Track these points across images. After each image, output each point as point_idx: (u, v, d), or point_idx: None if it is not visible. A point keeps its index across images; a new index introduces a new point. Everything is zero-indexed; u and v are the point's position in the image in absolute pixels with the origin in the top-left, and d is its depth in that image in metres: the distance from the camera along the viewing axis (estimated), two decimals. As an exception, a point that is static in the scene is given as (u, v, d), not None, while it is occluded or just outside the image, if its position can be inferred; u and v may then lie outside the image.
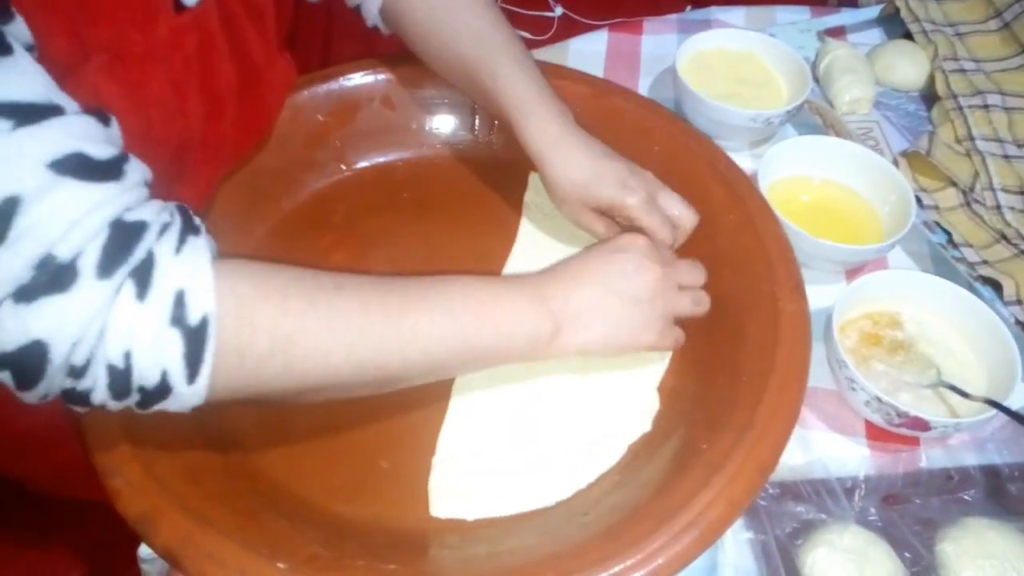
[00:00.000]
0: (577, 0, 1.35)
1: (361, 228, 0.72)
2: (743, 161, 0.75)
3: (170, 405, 0.43)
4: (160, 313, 0.41)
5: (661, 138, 0.72)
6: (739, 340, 0.60)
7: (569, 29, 1.27)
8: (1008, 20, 0.94)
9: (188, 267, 0.42)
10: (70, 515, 0.90)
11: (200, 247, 0.43)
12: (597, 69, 0.94)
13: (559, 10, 1.33)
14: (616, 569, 0.47)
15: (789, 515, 0.57)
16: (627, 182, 0.61)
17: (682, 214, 0.62)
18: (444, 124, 0.79)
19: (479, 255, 0.70)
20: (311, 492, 0.55)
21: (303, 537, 0.51)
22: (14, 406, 0.41)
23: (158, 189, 0.46)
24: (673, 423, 0.59)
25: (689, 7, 1.13)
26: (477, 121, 0.79)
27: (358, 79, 0.76)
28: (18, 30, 0.40)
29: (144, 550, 0.56)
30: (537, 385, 0.61)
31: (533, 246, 0.71)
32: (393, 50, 0.76)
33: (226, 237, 0.50)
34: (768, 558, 0.55)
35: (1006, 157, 0.82)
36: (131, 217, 0.41)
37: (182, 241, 0.43)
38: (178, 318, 0.41)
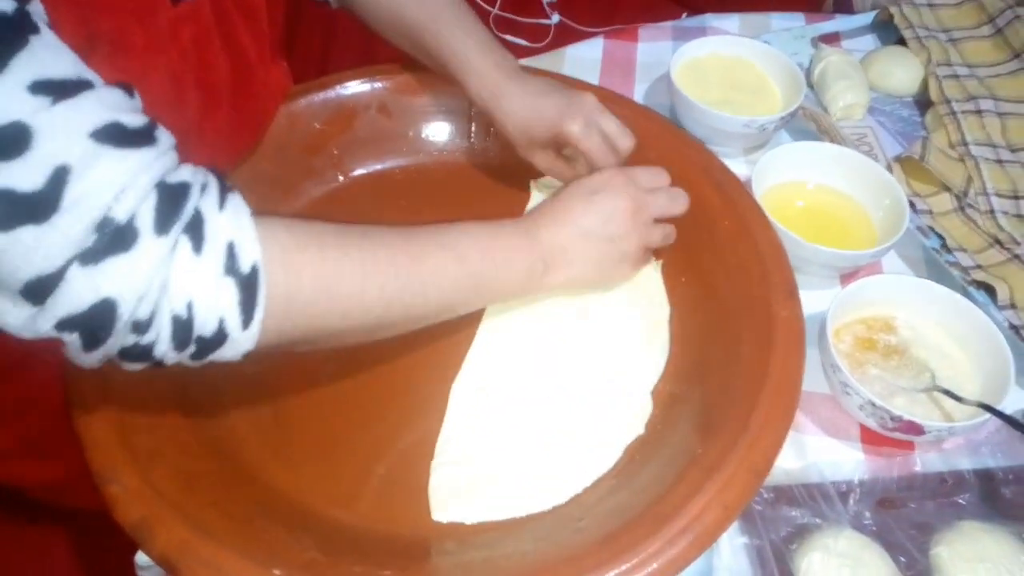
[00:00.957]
0: (574, 7, 1.35)
1: (358, 235, 0.72)
2: (738, 167, 0.75)
3: (225, 353, 0.46)
4: (216, 264, 0.43)
5: (656, 144, 0.72)
6: (733, 345, 0.60)
7: (566, 36, 1.27)
8: (1000, 26, 0.95)
9: (233, 221, 0.45)
10: (67, 523, 0.90)
11: (239, 203, 0.46)
12: (593, 76, 0.94)
13: (556, 17, 1.34)
14: (611, 575, 0.47)
15: (784, 519, 0.57)
16: (564, 112, 0.65)
17: (617, 137, 0.66)
18: (440, 132, 0.79)
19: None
20: (308, 498, 0.56)
21: (300, 543, 0.51)
22: (11, 414, 0.41)
23: None
24: (667, 427, 0.59)
25: (684, 14, 1.14)
26: (473, 128, 0.79)
27: (354, 87, 0.77)
28: (36, 10, 0.41)
29: (141, 557, 0.56)
30: (533, 389, 0.62)
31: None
32: (390, 59, 0.77)
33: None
34: (763, 563, 0.55)
35: (999, 162, 0.83)
36: (173, 179, 0.43)
37: (223, 198, 0.45)
38: (231, 268, 0.44)
